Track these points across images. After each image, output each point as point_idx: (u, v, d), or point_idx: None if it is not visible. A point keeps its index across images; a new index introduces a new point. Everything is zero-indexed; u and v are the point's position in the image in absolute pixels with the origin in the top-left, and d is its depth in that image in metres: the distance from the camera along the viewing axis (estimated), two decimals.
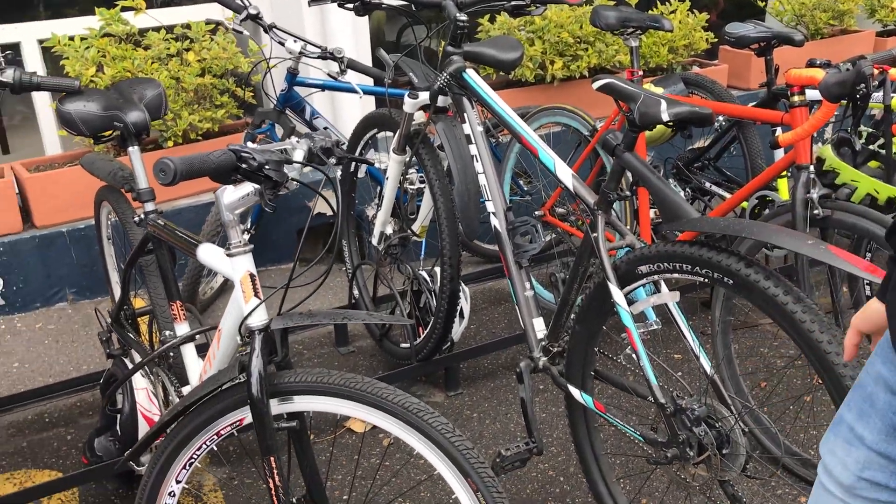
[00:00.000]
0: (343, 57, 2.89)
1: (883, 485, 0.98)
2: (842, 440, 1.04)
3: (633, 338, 1.86)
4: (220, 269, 1.71)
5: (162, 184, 1.28)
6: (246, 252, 1.60)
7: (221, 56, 3.49)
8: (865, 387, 1.03)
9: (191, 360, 2.13)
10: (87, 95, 2.00)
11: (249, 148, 1.36)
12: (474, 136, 2.29)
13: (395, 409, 1.52)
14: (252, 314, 1.56)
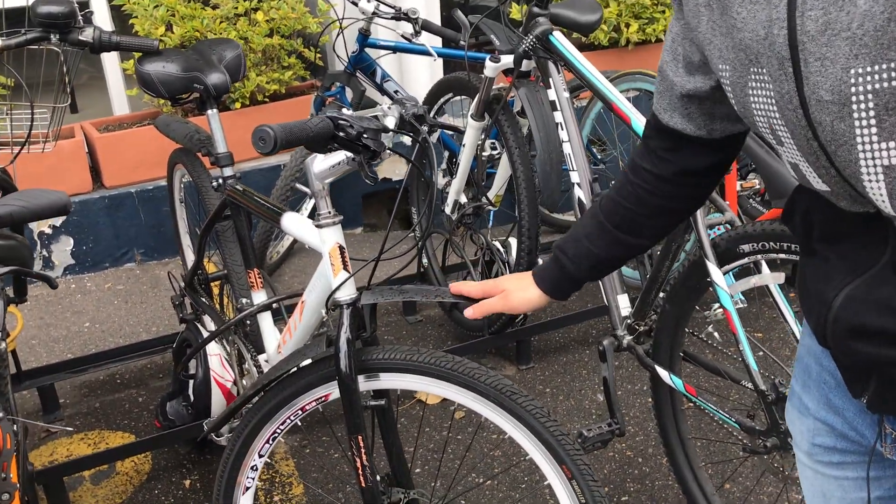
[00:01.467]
0: (418, 18, 2.79)
1: (831, 447, 1.02)
2: (795, 411, 1.07)
3: (734, 320, 1.77)
4: (306, 240, 1.64)
5: (261, 152, 1.22)
6: (336, 223, 1.54)
7: (290, 16, 3.42)
8: (802, 358, 1.05)
9: (267, 329, 2.10)
10: (166, 56, 1.95)
11: (346, 115, 1.29)
12: (560, 103, 2.19)
13: (487, 391, 1.46)
14: (341, 288, 1.50)
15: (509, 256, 2.62)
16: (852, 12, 0.71)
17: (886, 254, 0.81)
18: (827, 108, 0.76)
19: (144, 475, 2.32)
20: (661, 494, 2.20)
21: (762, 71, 0.82)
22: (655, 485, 2.23)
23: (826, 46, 0.74)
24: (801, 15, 0.74)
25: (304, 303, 1.72)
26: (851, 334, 0.84)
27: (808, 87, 0.77)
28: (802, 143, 0.82)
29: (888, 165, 0.74)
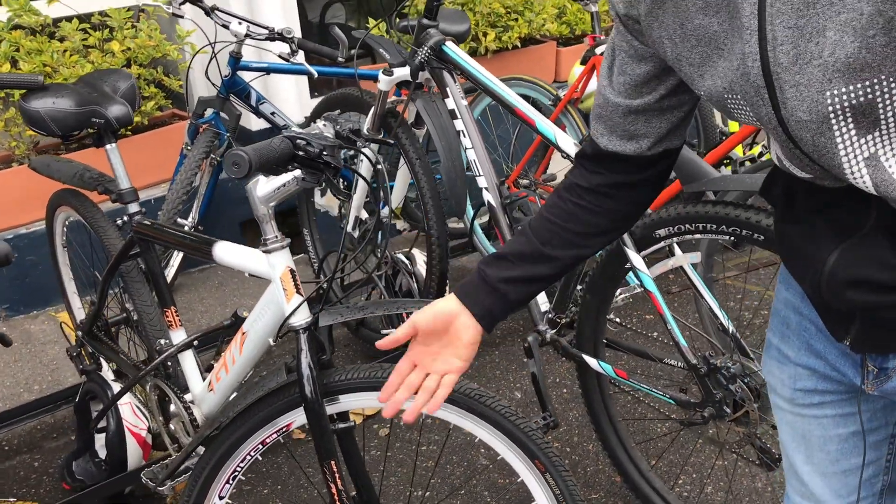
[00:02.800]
0: (294, 37, 2.75)
1: (812, 389, 1.11)
2: (774, 361, 1.16)
3: (659, 301, 1.86)
4: (249, 268, 1.56)
5: (237, 177, 1.17)
6: (284, 247, 1.49)
7: (148, 45, 3.27)
8: (780, 311, 1.14)
9: (190, 368, 1.99)
10: (54, 91, 1.81)
11: (302, 134, 1.26)
12: (459, 111, 2.23)
13: (455, 398, 1.47)
14: (296, 312, 1.46)
15: (414, 267, 2.63)
16: (822, 43, 0.77)
17: (871, 218, 0.89)
18: (806, 126, 0.82)
19: None
20: (594, 480, 2.28)
21: (737, 97, 0.88)
22: (588, 471, 2.31)
23: (799, 74, 0.80)
24: (772, 49, 0.80)
25: (245, 334, 1.65)
26: (847, 286, 0.91)
27: (786, 110, 0.83)
28: (787, 151, 0.90)
29: (868, 156, 0.81)
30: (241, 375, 1.73)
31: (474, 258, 3.45)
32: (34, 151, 3.20)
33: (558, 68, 4.19)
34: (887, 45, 0.74)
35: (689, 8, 0.89)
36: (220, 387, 1.80)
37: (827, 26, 0.76)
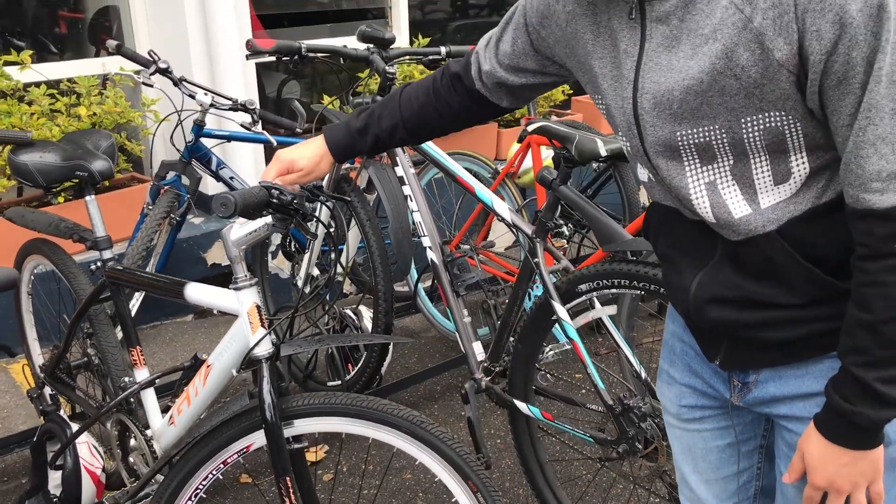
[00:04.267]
0: (255, 108, 2.98)
1: (693, 405, 1.33)
2: (665, 384, 1.40)
3: (580, 349, 2.10)
4: (218, 306, 1.75)
5: (223, 216, 1.37)
6: (252, 285, 1.68)
7: (114, 111, 3.47)
8: (668, 342, 1.38)
9: (151, 404, 2.13)
10: (40, 147, 2.00)
11: (277, 184, 1.47)
12: (407, 178, 2.48)
13: (399, 423, 1.66)
14: (259, 344, 1.64)
15: (361, 322, 2.82)
16: (671, 98, 1.05)
17: (718, 249, 1.15)
18: (662, 154, 1.11)
19: None
20: None
21: (619, 125, 1.17)
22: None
23: (657, 118, 1.08)
24: (640, 97, 1.09)
25: (209, 367, 1.82)
26: (706, 304, 1.16)
27: (647, 142, 1.12)
28: (651, 179, 1.18)
29: (708, 182, 1.09)
30: (202, 408, 1.89)
31: (417, 318, 3.66)
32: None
33: (498, 146, 4.52)
34: (721, 104, 1.02)
35: (591, 52, 1.16)
36: (182, 419, 1.95)
37: (675, 88, 1.04)
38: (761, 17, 0.94)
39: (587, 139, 2.06)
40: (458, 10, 5.49)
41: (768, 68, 0.96)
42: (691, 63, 1.01)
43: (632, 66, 1.09)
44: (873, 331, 1.00)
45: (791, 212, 1.06)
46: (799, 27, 0.92)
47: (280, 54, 2.42)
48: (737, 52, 0.97)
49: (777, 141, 1.02)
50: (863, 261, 1.00)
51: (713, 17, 0.98)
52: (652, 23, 1.05)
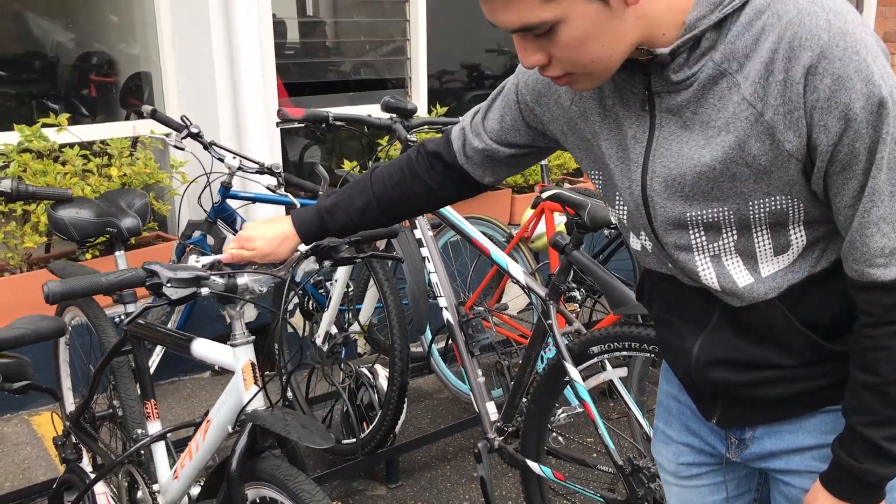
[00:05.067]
0: (281, 172, 3.10)
1: (691, 463, 1.37)
2: (661, 443, 1.43)
3: (592, 410, 2.14)
4: (218, 361, 1.84)
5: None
6: (248, 342, 1.76)
7: (143, 172, 3.60)
8: (663, 402, 1.42)
9: (161, 459, 2.18)
10: (78, 203, 2.11)
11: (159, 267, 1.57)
12: (426, 240, 2.57)
13: None
14: (252, 400, 1.70)
15: (377, 381, 2.88)
16: (683, 183, 1.10)
17: (716, 313, 1.20)
18: (670, 233, 1.16)
19: None
20: None
21: (622, 203, 1.22)
22: None
23: (667, 200, 1.13)
24: (650, 180, 1.13)
25: (209, 422, 1.88)
26: (709, 367, 1.22)
27: (656, 221, 1.17)
28: (656, 251, 1.22)
29: (713, 255, 1.14)
30: (203, 462, 1.95)
31: (430, 379, 3.71)
32: (26, 263, 3.45)
33: (512, 211, 4.63)
34: (731, 188, 1.08)
35: (597, 133, 1.20)
36: (184, 474, 2.01)
37: (686, 174, 1.10)
38: (772, 112, 1.00)
39: (599, 207, 2.15)
40: (473, 81, 5.67)
41: (777, 157, 1.02)
42: (703, 151, 1.07)
43: (641, 150, 1.14)
44: (879, 392, 1.06)
45: (790, 279, 1.12)
46: (808, 122, 0.99)
47: (309, 122, 2.55)
48: (749, 143, 1.03)
49: (780, 218, 1.08)
50: (868, 328, 1.07)
51: (725, 111, 1.04)
52: (662, 113, 1.10)
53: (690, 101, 1.07)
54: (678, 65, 1.05)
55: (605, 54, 1.02)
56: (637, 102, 1.12)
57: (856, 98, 0.96)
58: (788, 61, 0.97)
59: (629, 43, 1.03)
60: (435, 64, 4.79)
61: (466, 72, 5.71)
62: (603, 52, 1.02)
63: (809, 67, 0.96)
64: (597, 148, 1.22)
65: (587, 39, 1.00)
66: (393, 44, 4.66)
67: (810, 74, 0.96)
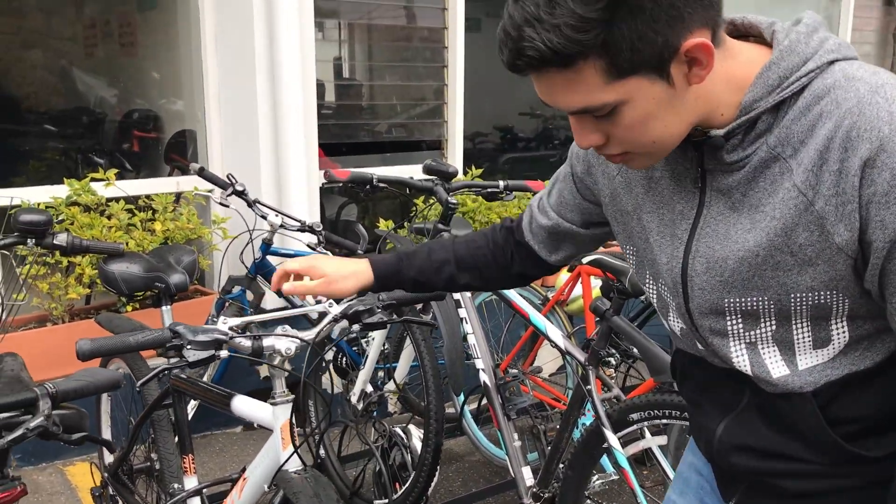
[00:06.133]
0: (322, 230, 3.16)
1: None
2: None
3: (630, 478, 2.13)
4: (257, 419, 1.86)
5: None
6: (288, 401, 1.78)
7: (186, 227, 3.68)
8: (683, 473, 1.39)
9: None
10: (129, 258, 2.17)
11: (184, 329, 1.61)
12: (463, 301, 2.59)
13: None
14: (289, 461, 1.71)
15: (410, 441, 2.87)
16: (724, 266, 1.07)
17: (746, 397, 1.17)
18: (706, 317, 1.13)
19: None
20: None
21: (658, 283, 1.19)
22: None
23: (707, 282, 1.09)
24: (692, 259, 1.10)
25: (245, 480, 1.89)
26: (733, 451, 1.18)
27: (693, 303, 1.13)
28: (688, 333, 1.19)
29: (749, 343, 1.11)
30: None
31: (461, 441, 3.69)
32: (68, 313, 3.52)
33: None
34: (773, 278, 1.03)
35: (643, 206, 1.18)
36: None
37: (729, 257, 1.07)
38: (823, 202, 0.96)
39: None
40: (507, 143, 5.76)
41: (825, 250, 0.98)
42: (749, 236, 1.03)
43: (687, 227, 1.11)
44: None
45: (828, 376, 1.07)
46: (862, 216, 0.94)
47: (354, 183, 2.61)
48: (796, 231, 0.99)
49: (822, 311, 1.04)
50: None
51: (775, 196, 1.00)
52: (713, 192, 1.07)
53: (741, 182, 1.04)
54: (732, 146, 1.03)
55: (667, 134, 1.01)
56: (689, 179, 1.10)
57: None
58: (845, 151, 0.94)
59: (689, 122, 1.01)
60: (469, 126, 4.88)
61: (500, 133, 5.81)
62: (664, 132, 1.01)
63: (867, 160, 0.92)
64: (636, 221, 1.20)
65: (649, 120, 0.99)
66: (429, 106, 4.77)
67: (868, 167, 0.92)
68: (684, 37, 0.94)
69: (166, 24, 4.54)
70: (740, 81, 1.01)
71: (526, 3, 0.92)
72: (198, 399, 2.16)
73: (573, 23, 0.90)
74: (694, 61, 0.96)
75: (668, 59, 0.94)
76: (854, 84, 0.96)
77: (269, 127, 3.88)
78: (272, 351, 1.71)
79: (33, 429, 1.22)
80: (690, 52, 0.94)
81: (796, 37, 1.00)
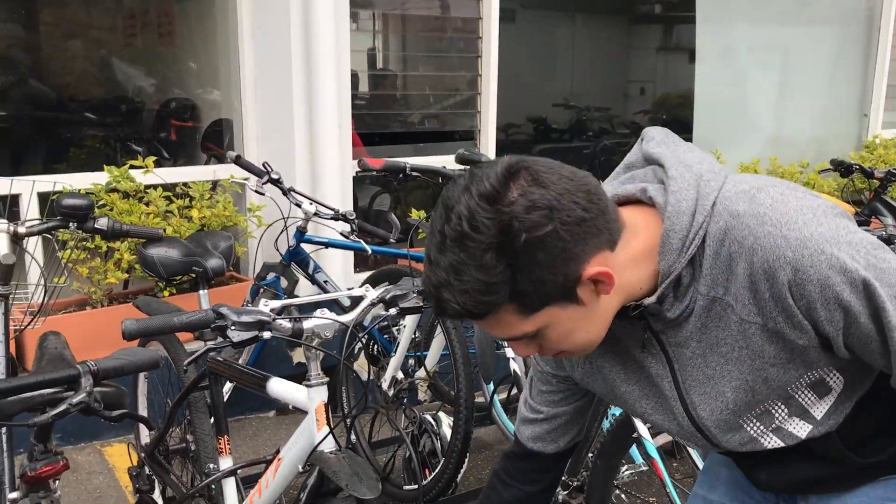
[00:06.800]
0: (355, 219, 3.19)
1: None
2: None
3: (660, 466, 2.13)
4: (292, 400, 1.89)
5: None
6: (322, 384, 1.81)
7: (223, 214, 3.74)
8: (710, 468, 1.46)
9: (230, 494, 2.23)
10: (167, 243, 2.22)
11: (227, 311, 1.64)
12: None
13: None
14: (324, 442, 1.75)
15: (440, 428, 2.90)
16: (725, 401, 1.16)
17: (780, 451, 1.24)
18: (732, 438, 1.20)
19: None
20: None
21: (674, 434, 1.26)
22: None
23: (719, 420, 1.18)
24: (694, 409, 1.20)
25: (280, 460, 1.92)
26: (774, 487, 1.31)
27: (716, 438, 1.22)
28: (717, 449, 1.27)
29: (774, 428, 1.19)
30: (271, 499, 1.99)
31: (490, 430, 3.71)
32: (107, 297, 3.59)
33: None
34: (768, 387, 1.14)
35: (615, 379, 1.28)
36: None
37: (724, 390, 1.15)
38: (773, 322, 1.07)
39: None
40: (539, 134, 5.75)
41: (794, 350, 1.09)
42: (728, 367, 1.13)
43: (670, 386, 1.19)
44: None
45: (843, 411, 1.18)
46: (809, 320, 1.05)
47: (387, 172, 2.63)
48: (765, 348, 1.09)
49: (816, 381, 1.15)
50: None
51: (729, 330, 1.10)
52: (672, 347, 1.16)
53: (693, 332, 1.13)
54: (669, 304, 1.10)
55: (592, 336, 1.11)
56: (645, 344, 1.18)
57: (842, 290, 1.01)
58: (767, 282, 1.04)
59: (611, 317, 1.11)
60: (502, 116, 4.88)
61: (533, 125, 5.80)
62: (588, 337, 1.11)
63: (790, 282, 1.03)
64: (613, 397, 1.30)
65: (571, 333, 1.09)
66: (462, 96, 4.78)
67: (793, 287, 1.03)
68: (583, 268, 1.02)
69: (204, 15, 4.60)
70: (647, 254, 1.09)
71: (437, 269, 1.01)
72: (234, 381, 2.21)
73: (479, 288, 0.99)
74: (597, 282, 1.04)
75: (572, 289, 1.03)
76: (742, 221, 1.05)
77: (304, 116, 3.92)
78: (311, 333, 1.74)
79: (76, 404, 1.27)
80: (592, 277, 1.03)
81: (674, 197, 1.08)
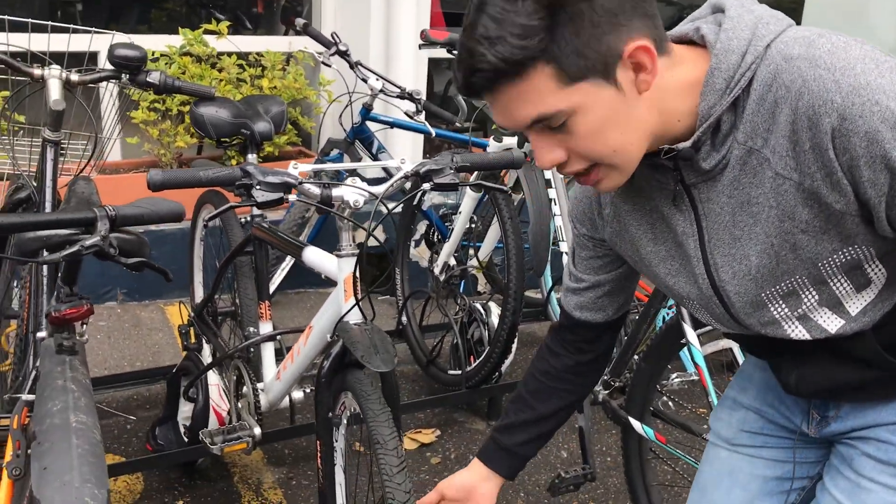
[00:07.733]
0: (421, 98, 3.08)
1: (757, 432, 1.36)
2: (727, 409, 1.42)
3: (705, 375, 2.04)
4: (325, 270, 1.87)
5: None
6: (353, 255, 1.76)
7: (293, 86, 3.69)
8: (745, 371, 1.42)
9: (268, 359, 2.26)
10: (218, 103, 2.18)
11: (253, 168, 1.57)
12: (554, 181, 2.49)
13: None
14: (350, 313, 1.71)
15: (489, 318, 2.86)
16: (749, 265, 1.09)
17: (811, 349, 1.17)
18: (751, 315, 1.14)
19: (137, 495, 2.42)
20: None
21: (693, 302, 1.20)
22: None
23: (740, 285, 1.12)
24: (716, 271, 1.13)
25: (311, 328, 1.92)
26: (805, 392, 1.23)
27: (735, 309, 1.15)
28: (740, 329, 1.20)
29: (800, 316, 1.12)
30: (302, 367, 2.00)
31: (545, 326, 3.66)
32: (176, 161, 3.63)
33: None
34: (796, 258, 1.05)
35: (642, 238, 1.21)
36: (285, 376, 2.07)
37: (749, 253, 1.08)
38: (811, 179, 0.99)
39: None
40: None
41: (831, 217, 1.01)
42: (757, 229, 1.06)
43: (695, 245, 1.13)
44: None
45: (882, 309, 1.11)
46: (850, 180, 0.97)
47: (452, 47, 2.50)
48: (797, 211, 1.02)
49: (853, 264, 1.06)
50: None
51: (763, 187, 1.03)
52: (703, 204, 1.10)
53: (726, 185, 1.07)
54: (705, 153, 1.05)
55: (626, 142, 1.03)
56: (676, 199, 1.13)
57: (892, 147, 0.93)
58: (810, 131, 0.96)
59: (647, 131, 1.04)
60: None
61: None
62: (623, 141, 1.02)
63: (834, 131, 0.94)
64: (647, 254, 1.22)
65: (605, 128, 1.01)
66: None
67: (836, 138, 0.95)
68: (626, 42, 0.97)
69: None
70: (691, 86, 1.03)
71: (475, 28, 0.96)
72: (274, 247, 2.20)
73: (517, 31, 0.95)
74: (639, 66, 0.99)
75: (613, 64, 0.98)
76: (794, 64, 0.98)
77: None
78: (340, 201, 1.69)
79: (88, 247, 1.25)
80: (633, 55, 0.97)
81: (726, 35, 1.02)
